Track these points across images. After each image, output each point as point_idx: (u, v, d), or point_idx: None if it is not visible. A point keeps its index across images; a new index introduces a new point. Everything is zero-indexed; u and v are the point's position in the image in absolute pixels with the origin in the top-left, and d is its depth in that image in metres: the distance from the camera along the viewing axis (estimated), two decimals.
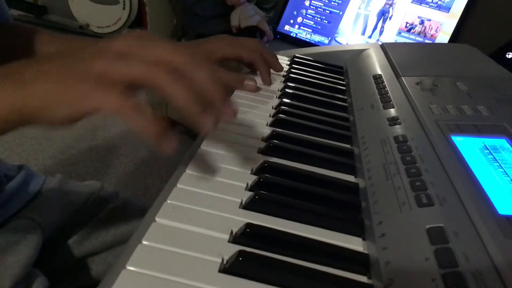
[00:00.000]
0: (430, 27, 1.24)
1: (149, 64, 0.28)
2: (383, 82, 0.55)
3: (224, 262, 0.28)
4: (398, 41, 1.27)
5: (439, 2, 1.23)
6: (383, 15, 1.31)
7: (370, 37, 1.33)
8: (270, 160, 0.41)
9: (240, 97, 0.55)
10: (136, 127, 0.28)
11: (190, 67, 0.29)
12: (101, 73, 0.28)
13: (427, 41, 1.24)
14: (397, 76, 0.56)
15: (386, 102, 0.50)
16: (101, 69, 0.28)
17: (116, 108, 0.27)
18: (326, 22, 1.40)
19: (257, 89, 0.56)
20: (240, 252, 0.28)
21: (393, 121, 0.45)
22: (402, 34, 1.28)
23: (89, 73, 0.28)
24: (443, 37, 1.21)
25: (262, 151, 0.43)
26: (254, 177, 0.38)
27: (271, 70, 0.62)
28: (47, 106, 0.28)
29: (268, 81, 0.60)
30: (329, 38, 1.40)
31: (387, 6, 1.30)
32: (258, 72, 0.61)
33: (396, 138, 0.41)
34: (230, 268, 0.28)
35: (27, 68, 0.29)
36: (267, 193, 0.35)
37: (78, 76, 0.28)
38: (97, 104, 0.27)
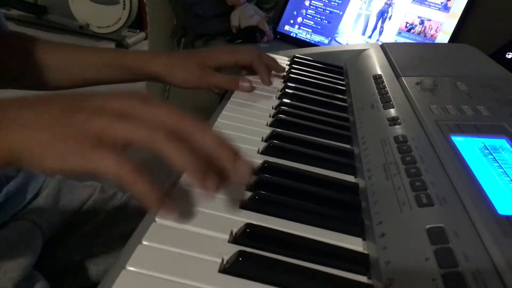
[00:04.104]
0: (430, 27, 1.23)
1: (151, 128, 0.27)
2: (383, 82, 0.55)
3: (224, 262, 0.28)
4: (398, 41, 1.27)
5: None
6: (383, 15, 1.31)
7: (370, 37, 1.33)
8: (270, 160, 0.41)
9: (240, 97, 0.55)
10: (136, 193, 0.27)
11: (194, 131, 0.29)
12: (100, 133, 0.27)
13: (427, 41, 1.24)
14: (397, 76, 0.56)
15: (386, 102, 0.50)
16: (100, 128, 0.27)
17: (115, 172, 0.26)
18: (326, 22, 1.40)
19: (252, 89, 0.56)
20: (240, 252, 0.28)
21: (393, 121, 0.45)
22: (402, 34, 1.27)
23: (88, 131, 0.27)
24: (443, 37, 1.21)
25: (262, 151, 0.43)
26: (254, 177, 0.38)
27: (274, 72, 0.63)
28: (39, 155, 0.27)
29: (268, 82, 0.60)
30: (329, 38, 1.40)
31: (386, 6, 1.30)
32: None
33: (396, 138, 0.41)
34: (230, 268, 0.28)
35: (23, 109, 0.28)
36: (267, 193, 0.35)
37: (77, 132, 0.27)
38: (94, 165, 0.27)
